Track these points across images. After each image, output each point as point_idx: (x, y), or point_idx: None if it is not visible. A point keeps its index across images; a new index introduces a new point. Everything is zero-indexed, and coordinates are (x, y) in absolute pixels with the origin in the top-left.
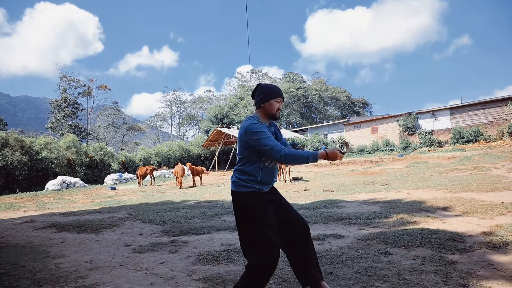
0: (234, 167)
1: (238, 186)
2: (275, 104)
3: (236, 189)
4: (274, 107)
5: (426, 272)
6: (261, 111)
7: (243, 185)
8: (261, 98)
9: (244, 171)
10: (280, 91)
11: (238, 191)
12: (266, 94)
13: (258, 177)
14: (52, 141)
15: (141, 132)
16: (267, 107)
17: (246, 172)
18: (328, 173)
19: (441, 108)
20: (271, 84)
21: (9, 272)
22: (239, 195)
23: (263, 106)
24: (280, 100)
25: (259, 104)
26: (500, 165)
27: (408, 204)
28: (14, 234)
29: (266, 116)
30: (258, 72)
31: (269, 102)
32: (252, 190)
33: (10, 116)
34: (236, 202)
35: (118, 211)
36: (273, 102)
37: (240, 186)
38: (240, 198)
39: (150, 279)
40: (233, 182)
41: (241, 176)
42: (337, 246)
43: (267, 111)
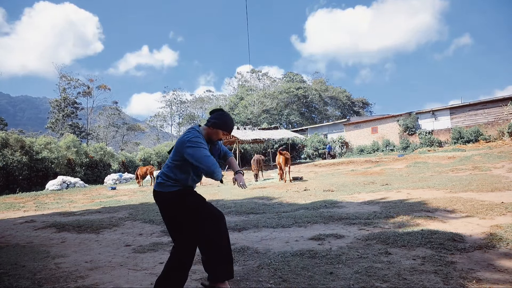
0: (163, 168)
1: (164, 186)
2: (219, 134)
3: (161, 189)
4: (217, 136)
5: (426, 272)
6: (207, 130)
7: (169, 186)
8: (214, 123)
9: (172, 174)
10: (231, 127)
11: (163, 191)
12: (220, 122)
13: (186, 181)
14: (52, 141)
15: (141, 132)
16: (211, 132)
17: (174, 176)
18: (328, 173)
19: (441, 108)
20: (230, 117)
21: (9, 272)
22: (165, 194)
23: (210, 128)
24: (226, 134)
25: (209, 125)
26: (500, 165)
27: (408, 204)
28: (14, 234)
29: (207, 136)
30: (258, 72)
31: (216, 130)
32: (178, 189)
33: (10, 116)
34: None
35: (118, 211)
36: (219, 132)
37: (166, 186)
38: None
39: (150, 279)
40: (159, 184)
41: (169, 179)
42: (337, 246)
43: (210, 135)
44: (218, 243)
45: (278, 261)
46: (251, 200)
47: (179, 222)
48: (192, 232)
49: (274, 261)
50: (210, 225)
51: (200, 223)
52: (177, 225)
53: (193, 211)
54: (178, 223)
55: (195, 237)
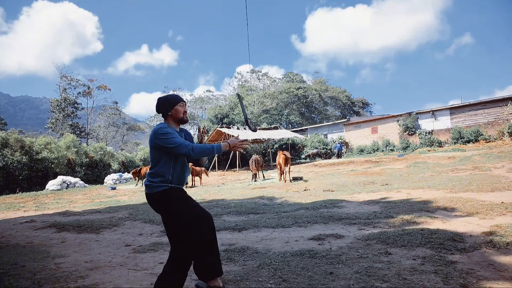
0: (148, 171)
1: (151, 188)
2: (180, 109)
3: (149, 191)
4: (179, 112)
5: (426, 272)
6: (170, 118)
7: (155, 186)
8: (166, 108)
9: (156, 173)
10: (179, 97)
11: (151, 192)
12: (169, 102)
13: (169, 178)
14: (52, 141)
15: (141, 132)
16: (174, 113)
17: (158, 174)
18: (328, 173)
19: (441, 108)
20: (169, 94)
21: (9, 272)
22: (153, 196)
23: (170, 114)
24: (183, 103)
25: (166, 113)
26: (500, 165)
27: (408, 204)
28: (14, 234)
29: (175, 121)
30: (258, 72)
31: (174, 108)
32: (165, 189)
33: (10, 116)
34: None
35: (118, 211)
36: (177, 108)
37: (153, 188)
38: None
39: (150, 279)
40: (147, 186)
41: (154, 179)
42: (337, 246)
43: (175, 117)
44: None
45: (278, 261)
46: (251, 200)
47: (167, 223)
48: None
49: (274, 261)
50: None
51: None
52: (166, 225)
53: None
54: (166, 224)
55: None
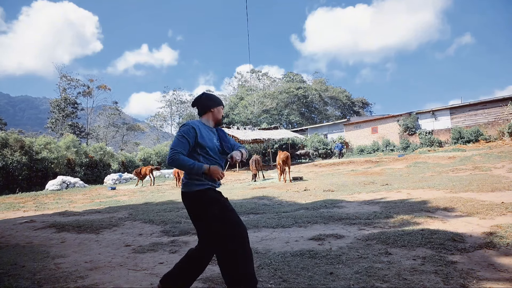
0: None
1: (189, 186)
2: (221, 110)
3: (187, 189)
4: (220, 113)
5: (426, 272)
6: (210, 115)
7: (196, 185)
8: (211, 104)
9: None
10: (222, 102)
11: (190, 191)
12: (215, 100)
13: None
14: (51, 141)
15: (141, 132)
16: (216, 112)
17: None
18: (328, 173)
19: (441, 108)
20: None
21: (9, 272)
22: (190, 194)
23: (212, 110)
24: (223, 108)
25: (208, 109)
26: (500, 165)
27: (408, 204)
28: (14, 234)
29: (214, 120)
30: (258, 72)
31: (217, 108)
32: (207, 187)
33: (9, 116)
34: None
35: (118, 211)
36: (220, 108)
37: (191, 186)
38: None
39: (150, 279)
40: (183, 184)
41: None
42: (337, 246)
43: (216, 116)
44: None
45: (278, 261)
46: (251, 200)
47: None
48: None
49: (274, 261)
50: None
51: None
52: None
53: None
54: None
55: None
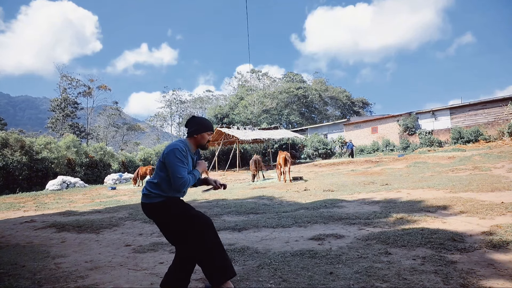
0: (148, 179)
1: (149, 197)
2: (206, 137)
3: (146, 201)
4: (205, 139)
5: (426, 272)
6: (193, 140)
7: (154, 197)
8: (195, 130)
9: (157, 184)
10: (212, 126)
11: (151, 202)
12: (200, 126)
13: (169, 191)
14: (52, 141)
15: (141, 132)
16: (199, 138)
17: (159, 187)
18: (328, 173)
19: (441, 108)
20: (205, 118)
21: (9, 272)
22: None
23: (195, 136)
24: (211, 134)
25: (192, 134)
26: (500, 165)
27: (408, 204)
28: (14, 234)
29: (196, 145)
30: (258, 72)
31: (201, 134)
32: (163, 200)
33: (10, 116)
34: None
35: (118, 211)
36: (205, 135)
37: (151, 198)
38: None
39: (150, 279)
40: (144, 195)
41: (153, 190)
42: (337, 246)
43: (198, 141)
44: (209, 250)
45: (278, 261)
46: (251, 200)
47: (166, 227)
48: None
49: (274, 261)
50: (198, 233)
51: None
52: (167, 232)
53: (179, 220)
54: (165, 228)
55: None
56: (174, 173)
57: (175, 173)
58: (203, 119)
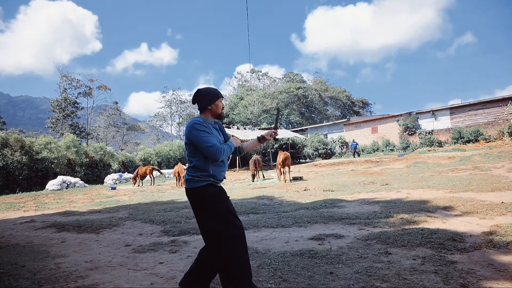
0: (187, 165)
1: (191, 182)
2: (220, 105)
3: (189, 185)
4: (219, 107)
5: (426, 272)
6: (208, 113)
7: (197, 181)
8: (208, 101)
9: (196, 167)
10: (219, 91)
11: (193, 187)
12: (211, 96)
13: (210, 172)
14: (52, 141)
15: (141, 132)
16: (214, 108)
17: (198, 168)
18: (328, 173)
19: (441, 108)
20: (210, 87)
21: (9, 272)
22: (194, 190)
23: (210, 108)
24: (222, 99)
25: (206, 107)
26: (500, 165)
27: (408, 204)
28: (14, 234)
29: (213, 116)
30: (258, 72)
31: (215, 103)
32: (208, 183)
33: (10, 116)
34: (193, 198)
35: (118, 211)
36: (218, 103)
37: (194, 182)
38: (197, 192)
39: (150, 279)
40: (187, 180)
41: (194, 173)
42: (337, 246)
43: (214, 112)
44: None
45: (278, 261)
46: (251, 200)
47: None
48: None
49: (274, 261)
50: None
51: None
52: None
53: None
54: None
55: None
56: (203, 144)
57: (204, 144)
58: (209, 88)
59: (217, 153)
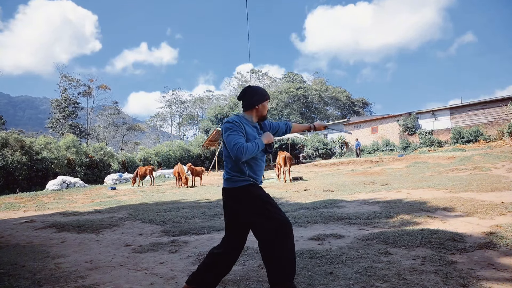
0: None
1: (232, 182)
2: (266, 106)
3: (227, 185)
4: (266, 109)
5: (426, 272)
6: (254, 112)
7: (237, 180)
8: (256, 100)
9: (232, 168)
10: (267, 94)
11: (232, 187)
12: (260, 96)
13: (247, 172)
14: (52, 141)
15: (141, 132)
16: (261, 108)
17: (236, 169)
18: (328, 173)
19: (441, 108)
20: (260, 87)
21: (9, 272)
22: (233, 190)
23: (257, 107)
24: (268, 101)
25: (253, 105)
26: (500, 165)
27: (408, 204)
28: (14, 234)
29: (258, 116)
30: (258, 72)
31: (262, 104)
32: (248, 183)
33: (10, 116)
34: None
35: (118, 211)
36: (265, 104)
37: (234, 182)
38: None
39: (150, 279)
40: (226, 180)
41: (233, 173)
42: (337, 246)
43: (260, 112)
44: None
45: None
46: None
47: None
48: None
49: None
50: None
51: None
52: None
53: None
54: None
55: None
56: (228, 144)
57: (229, 144)
58: (259, 88)
59: (238, 152)
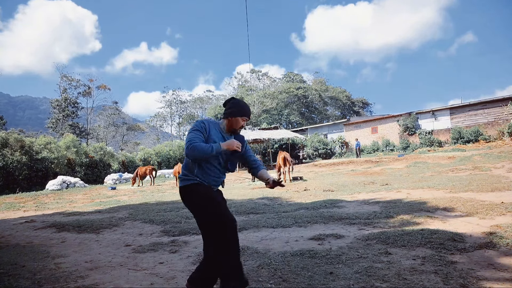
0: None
1: (181, 181)
2: (240, 122)
3: (180, 184)
4: (238, 124)
5: (426, 272)
6: (227, 122)
7: (183, 179)
8: (231, 112)
9: (185, 166)
10: (249, 111)
11: (181, 186)
12: (236, 110)
13: (194, 172)
14: (52, 141)
15: (141, 132)
16: (233, 122)
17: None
18: (328, 173)
19: (441, 108)
20: (243, 102)
21: (9, 272)
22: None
23: (230, 119)
24: (246, 119)
25: (228, 116)
26: (500, 165)
27: (408, 204)
28: (14, 234)
29: (229, 128)
30: (258, 72)
31: (236, 118)
32: (195, 182)
33: (10, 116)
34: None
35: (118, 211)
36: (239, 120)
37: (182, 181)
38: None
39: (150, 279)
40: (179, 179)
41: (183, 171)
42: (337, 246)
43: (232, 124)
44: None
45: (278, 261)
46: (251, 200)
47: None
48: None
49: (274, 261)
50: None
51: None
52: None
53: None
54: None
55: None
56: (186, 141)
57: (186, 141)
58: (241, 102)
59: (189, 149)
